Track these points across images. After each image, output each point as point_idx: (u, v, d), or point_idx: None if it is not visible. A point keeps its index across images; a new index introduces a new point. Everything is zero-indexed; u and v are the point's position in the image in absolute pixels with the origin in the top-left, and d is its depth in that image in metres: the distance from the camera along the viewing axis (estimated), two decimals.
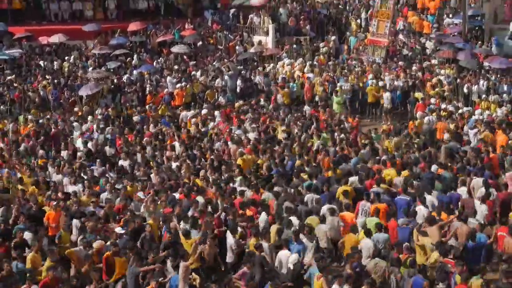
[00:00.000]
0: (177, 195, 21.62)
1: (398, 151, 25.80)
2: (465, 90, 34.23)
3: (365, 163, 24.21)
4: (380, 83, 34.26)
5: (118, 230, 19.11)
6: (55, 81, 36.28)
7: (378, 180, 22.13)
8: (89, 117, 31.09)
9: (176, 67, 38.95)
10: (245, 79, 36.99)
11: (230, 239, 18.84)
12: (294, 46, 43.06)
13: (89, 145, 27.70)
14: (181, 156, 25.81)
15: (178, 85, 35.28)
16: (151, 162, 25.36)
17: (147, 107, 33.27)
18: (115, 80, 36.94)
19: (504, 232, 18.83)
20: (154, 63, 40.17)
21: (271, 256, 17.95)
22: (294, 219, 19.37)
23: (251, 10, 47.04)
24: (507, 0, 47.58)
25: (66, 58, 40.66)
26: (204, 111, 31.92)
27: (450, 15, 46.31)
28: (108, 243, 18.38)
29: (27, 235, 19.08)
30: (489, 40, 42.84)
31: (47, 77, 37.07)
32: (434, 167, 23.55)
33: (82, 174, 24.11)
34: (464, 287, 16.17)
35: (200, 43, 44.09)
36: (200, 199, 21.01)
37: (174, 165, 24.89)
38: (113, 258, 17.75)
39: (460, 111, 30.76)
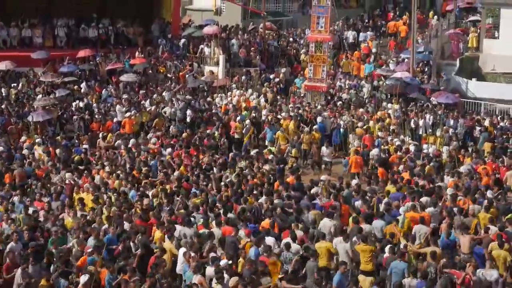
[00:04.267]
0: None
1: None
2: (412, 125, 34.63)
3: None
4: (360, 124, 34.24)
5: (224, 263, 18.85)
6: (2, 107, 35.92)
7: None
8: None
9: (125, 96, 38.73)
10: (194, 108, 37.00)
11: None
12: (243, 77, 43.39)
13: None
14: None
15: (127, 114, 35.12)
16: None
17: (100, 135, 33.26)
18: (63, 108, 36.72)
19: None
20: (103, 92, 39.93)
21: None
22: None
23: (201, 40, 47.42)
24: (454, 37, 49.02)
25: (13, 85, 40.14)
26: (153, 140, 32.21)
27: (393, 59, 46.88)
28: None
29: None
30: (437, 75, 43.73)
31: None
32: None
33: None
34: None
35: (150, 72, 44.12)
36: None
37: None
38: None
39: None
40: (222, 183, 25.90)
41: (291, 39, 53.28)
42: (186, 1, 61.67)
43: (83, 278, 18.12)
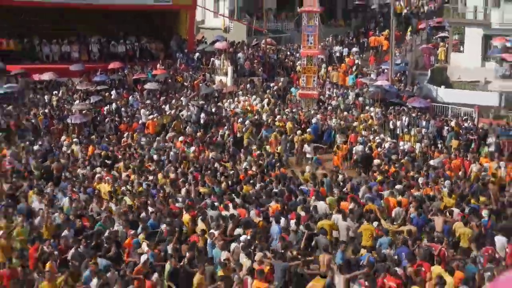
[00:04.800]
0: None
1: None
2: (391, 125, 34.92)
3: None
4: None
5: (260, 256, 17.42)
6: (46, 111, 36.38)
7: None
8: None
9: (148, 101, 39.36)
10: (207, 112, 37.37)
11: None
12: (248, 85, 43.76)
13: None
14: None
15: (150, 116, 35.55)
16: None
17: (125, 135, 33.57)
18: (97, 112, 37.25)
19: None
20: (130, 98, 40.39)
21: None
22: None
23: (212, 54, 47.78)
24: (426, 51, 49.42)
25: (55, 92, 40.64)
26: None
27: (374, 71, 47.05)
28: None
29: None
30: (412, 83, 44.07)
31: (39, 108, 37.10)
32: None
33: None
34: None
35: (170, 81, 44.55)
36: None
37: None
38: None
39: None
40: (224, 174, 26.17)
41: (288, 53, 53.27)
42: (200, 21, 61.35)
43: (143, 257, 17.62)
